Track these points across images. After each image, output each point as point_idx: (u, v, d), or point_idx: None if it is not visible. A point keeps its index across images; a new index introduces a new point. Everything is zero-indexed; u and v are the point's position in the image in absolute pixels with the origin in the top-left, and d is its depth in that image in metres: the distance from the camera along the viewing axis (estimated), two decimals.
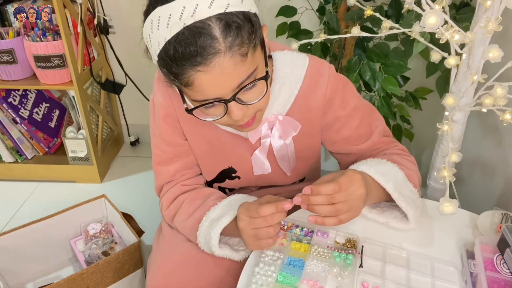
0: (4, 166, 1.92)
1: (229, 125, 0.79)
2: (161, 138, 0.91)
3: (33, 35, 1.61)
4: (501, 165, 1.16)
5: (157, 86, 0.88)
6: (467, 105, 0.95)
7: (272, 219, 0.70)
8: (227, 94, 0.68)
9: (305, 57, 0.85)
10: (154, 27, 0.65)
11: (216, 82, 0.65)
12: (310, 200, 0.69)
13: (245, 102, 0.71)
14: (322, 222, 0.70)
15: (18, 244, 1.32)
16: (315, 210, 0.69)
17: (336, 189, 0.68)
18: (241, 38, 0.64)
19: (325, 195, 0.68)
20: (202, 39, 0.62)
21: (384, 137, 0.92)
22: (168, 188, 0.93)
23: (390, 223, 0.82)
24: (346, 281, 0.71)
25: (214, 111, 0.72)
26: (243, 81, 0.67)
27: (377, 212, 0.83)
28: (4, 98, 1.81)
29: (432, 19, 0.79)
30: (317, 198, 0.68)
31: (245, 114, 0.72)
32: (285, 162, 0.92)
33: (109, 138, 2.07)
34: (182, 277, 0.85)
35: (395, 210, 0.82)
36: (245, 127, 0.77)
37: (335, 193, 0.68)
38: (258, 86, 0.71)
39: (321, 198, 0.68)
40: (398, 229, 0.81)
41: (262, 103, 0.74)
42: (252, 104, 0.72)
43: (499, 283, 0.68)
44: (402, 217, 0.81)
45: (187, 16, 0.62)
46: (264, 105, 0.77)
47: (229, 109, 0.70)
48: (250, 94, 0.70)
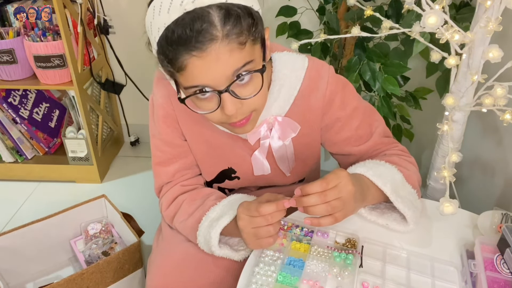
0: (4, 166, 1.92)
1: (222, 123, 0.77)
2: (160, 139, 0.91)
3: (33, 35, 1.61)
4: (501, 165, 1.16)
5: (157, 87, 0.88)
6: (467, 105, 0.95)
7: (272, 218, 0.70)
8: (221, 83, 0.66)
9: (305, 58, 0.85)
10: (156, 13, 0.66)
11: (210, 69, 0.65)
12: (303, 201, 0.68)
13: (239, 96, 0.69)
14: (318, 223, 0.69)
15: (18, 244, 1.32)
16: (311, 211, 0.69)
17: (324, 185, 0.67)
18: (240, 27, 0.64)
19: (317, 195, 0.67)
20: (200, 24, 0.62)
21: (384, 137, 0.91)
22: (167, 188, 0.93)
23: (390, 226, 0.81)
24: (346, 281, 0.71)
25: (207, 104, 0.71)
26: (237, 69, 0.66)
27: (376, 214, 0.83)
28: (4, 98, 1.81)
29: (432, 19, 0.79)
30: (310, 198, 0.68)
31: (239, 111, 0.71)
32: (284, 163, 0.92)
33: (109, 138, 2.07)
34: (182, 277, 0.85)
35: (394, 212, 0.82)
36: (239, 126, 0.75)
37: (325, 190, 0.67)
38: (253, 81, 0.70)
39: (314, 198, 0.67)
40: (397, 231, 0.81)
41: (257, 101, 0.72)
42: (246, 99, 0.70)
43: (499, 283, 0.68)
44: (401, 219, 0.81)
45: (188, 2, 0.63)
46: (260, 105, 0.76)
47: (222, 102, 0.69)
48: (245, 88, 0.69)
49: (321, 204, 0.68)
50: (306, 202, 0.68)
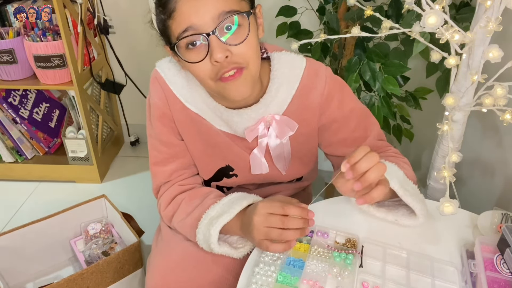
0: (4, 166, 1.92)
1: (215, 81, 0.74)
2: (157, 139, 0.92)
3: (33, 35, 1.61)
4: (501, 165, 1.16)
5: (153, 87, 0.88)
6: (467, 105, 0.95)
7: (288, 222, 0.70)
8: (209, 24, 0.68)
9: (303, 58, 0.86)
10: None
11: (198, 7, 0.67)
12: (357, 169, 0.66)
13: (226, 42, 0.70)
14: (371, 198, 0.69)
15: (18, 244, 1.32)
16: (367, 177, 0.67)
17: (366, 148, 0.67)
18: None
19: (366, 157, 0.66)
20: None
21: (378, 141, 0.93)
22: (165, 188, 0.93)
23: (399, 221, 0.82)
24: (346, 281, 0.71)
25: (197, 55, 0.71)
26: (225, 13, 0.68)
27: (384, 211, 0.83)
28: (4, 98, 1.81)
29: (432, 19, 0.79)
30: (361, 163, 0.66)
31: (228, 60, 0.70)
32: (280, 161, 0.92)
33: (109, 138, 2.07)
34: (181, 276, 0.85)
35: (401, 208, 0.83)
36: (231, 79, 0.73)
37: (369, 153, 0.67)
38: (241, 31, 0.71)
39: (365, 162, 0.66)
40: (408, 226, 0.81)
41: (247, 52, 0.72)
42: (234, 46, 0.70)
43: (499, 283, 0.68)
44: (409, 214, 0.81)
45: None
46: (250, 59, 0.73)
47: (211, 47, 0.69)
48: (233, 36, 0.70)
49: (374, 166, 0.67)
50: (360, 168, 0.66)
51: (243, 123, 0.84)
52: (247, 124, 0.84)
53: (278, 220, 0.71)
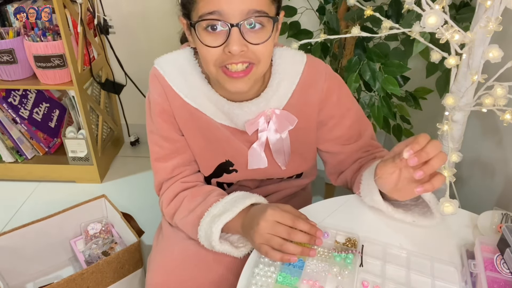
0: (4, 166, 1.92)
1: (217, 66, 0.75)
2: (158, 134, 0.92)
3: (33, 35, 1.61)
4: (501, 165, 1.16)
5: (152, 84, 0.89)
6: (467, 105, 0.95)
7: (294, 235, 0.71)
8: (236, 15, 0.69)
9: (303, 54, 0.88)
10: None
11: None
12: (422, 155, 0.64)
13: (246, 39, 0.71)
14: (432, 186, 0.66)
15: (18, 244, 1.32)
16: (433, 164, 0.64)
17: (426, 136, 0.65)
18: None
19: (431, 144, 0.64)
20: None
21: (372, 140, 0.95)
22: (168, 185, 0.93)
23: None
24: (346, 280, 0.71)
25: (214, 40, 0.72)
26: (254, 11, 0.69)
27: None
28: (4, 98, 1.81)
29: (432, 19, 0.79)
30: (427, 148, 0.64)
31: (242, 53, 0.72)
32: (280, 156, 0.93)
33: (109, 138, 2.07)
34: (182, 275, 0.85)
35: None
36: (236, 76, 0.74)
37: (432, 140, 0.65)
38: (263, 31, 0.72)
39: (430, 147, 0.64)
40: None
41: (262, 51, 0.73)
42: (253, 44, 0.71)
43: (499, 283, 0.68)
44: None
45: None
46: (263, 58, 0.75)
47: (230, 37, 0.70)
48: (254, 35, 0.71)
49: (439, 153, 0.65)
50: (428, 154, 0.64)
51: (243, 116, 0.85)
52: (248, 117, 0.85)
53: (284, 230, 0.71)
